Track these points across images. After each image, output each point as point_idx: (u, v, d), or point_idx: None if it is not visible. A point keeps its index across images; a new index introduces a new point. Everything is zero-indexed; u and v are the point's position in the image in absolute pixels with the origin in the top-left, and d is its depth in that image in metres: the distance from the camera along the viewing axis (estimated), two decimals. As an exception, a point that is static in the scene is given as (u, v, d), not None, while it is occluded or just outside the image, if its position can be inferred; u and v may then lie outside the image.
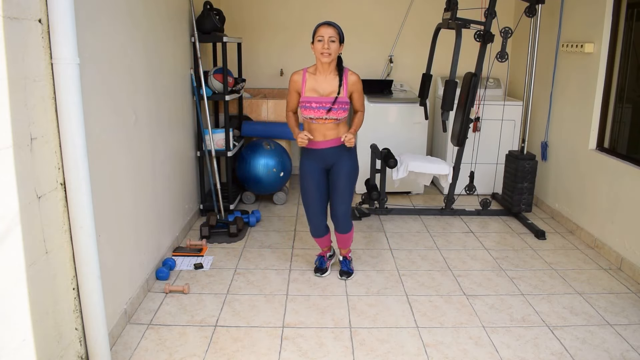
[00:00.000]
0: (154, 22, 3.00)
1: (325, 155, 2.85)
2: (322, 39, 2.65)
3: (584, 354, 2.38)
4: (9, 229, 1.66)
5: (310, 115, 2.75)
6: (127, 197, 2.60)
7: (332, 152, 2.84)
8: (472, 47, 4.01)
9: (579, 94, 3.86)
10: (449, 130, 4.11)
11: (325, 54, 2.66)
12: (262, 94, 5.00)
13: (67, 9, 1.79)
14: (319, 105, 2.72)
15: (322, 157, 2.86)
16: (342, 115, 2.76)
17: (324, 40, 2.65)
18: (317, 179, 2.90)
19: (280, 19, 5.11)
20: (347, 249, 3.16)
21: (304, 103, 2.76)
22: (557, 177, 4.22)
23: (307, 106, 2.75)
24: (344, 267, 3.14)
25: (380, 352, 2.37)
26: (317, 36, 2.66)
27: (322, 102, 2.72)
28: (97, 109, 2.22)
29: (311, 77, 2.77)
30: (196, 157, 4.01)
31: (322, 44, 2.65)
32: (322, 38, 2.65)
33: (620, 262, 3.30)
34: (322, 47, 2.65)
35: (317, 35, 2.66)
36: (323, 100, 2.73)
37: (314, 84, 2.76)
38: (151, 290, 2.90)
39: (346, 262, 3.16)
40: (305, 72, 2.79)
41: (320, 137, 2.80)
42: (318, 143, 2.81)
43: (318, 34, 2.66)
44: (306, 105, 2.75)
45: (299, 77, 2.79)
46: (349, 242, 3.11)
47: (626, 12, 3.48)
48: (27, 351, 1.77)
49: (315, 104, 2.73)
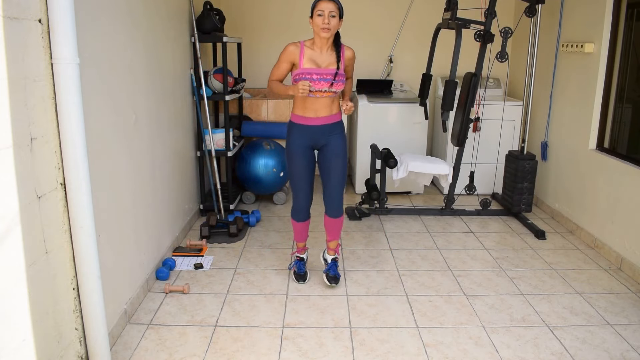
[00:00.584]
0: (154, 22, 3.00)
1: (317, 132, 2.76)
2: (322, 13, 2.57)
3: (584, 354, 2.38)
4: (9, 229, 1.66)
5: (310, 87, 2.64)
6: (127, 197, 2.60)
7: (325, 130, 2.76)
8: (472, 47, 4.01)
9: (579, 94, 3.86)
10: (449, 130, 4.11)
11: (325, 29, 2.58)
12: (262, 94, 5.00)
13: (67, 9, 1.79)
14: (319, 77, 2.63)
15: (313, 135, 2.76)
16: (341, 88, 2.72)
17: (324, 14, 2.57)
18: (308, 158, 2.81)
19: (280, 19, 5.11)
20: (336, 243, 3.03)
21: (303, 74, 2.64)
22: (557, 177, 4.22)
23: (307, 77, 2.63)
24: (333, 272, 2.98)
25: (380, 352, 2.37)
26: (317, 10, 2.58)
27: (322, 74, 2.64)
28: (97, 109, 2.22)
29: (308, 50, 2.69)
30: (196, 157, 4.01)
31: (322, 19, 2.57)
32: (322, 12, 2.57)
33: (620, 262, 3.30)
34: (322, 21, 2.57)
35: (317, 9, 2.58)
36: (323, 72, 2.65)
37: (312, 56, 2.68)
38: (151, 290, 2.90)
39: (334, 266, 3.02)
40: (302, 44, 2.70)
41: (312, 114, 2.72)
42: (311, 119, 2.72)
43: (318, 8, 2.58)
44: (306, 77, 2.63)
45: (296, 48, 2.68)
46: (339, 230, 2.99)
47: (626, 12, 3.48)
48: (27, 351, 1.77)
49: (316, 75, 2.63)
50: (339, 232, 3.01)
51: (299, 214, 2.95)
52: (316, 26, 2.62)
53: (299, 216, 2.96)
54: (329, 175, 2.85)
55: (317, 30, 2.63)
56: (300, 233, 3.05)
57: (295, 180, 2.86)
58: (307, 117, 2.73)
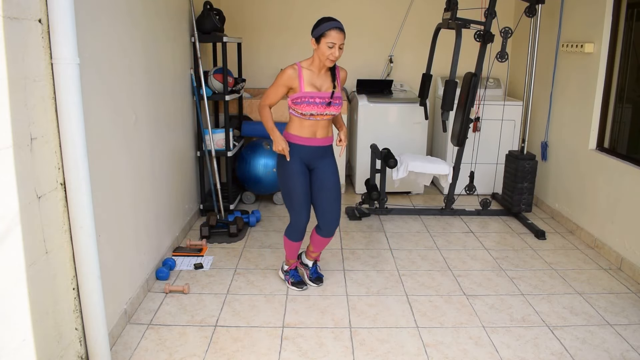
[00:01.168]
0: (154, 22, 3.00)
1: (312, 153, 2.72)
2: (333, 45, 2.51)
3: (584, 354, 2.38)
4: (9, 229, 1.66)
5: (312, 111, 2.61)
6: (127, 197, 2.60)
7: (320, 151, 2.74)
8: (472, 47, 4.01)
9: (579, 94, 3.86)
10: (449, 130, 4.11)
11: (332, 60, 2.56)
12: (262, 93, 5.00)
13: (67, 9, 1.79)
14: (321, 101, 2.61)
15: (308, 156, 2.71)
16: (339, 111, 2.71)
17: (335, 47, 2.52)
18: (305, 177, 2.74)
19: (280, 19, 5.11)
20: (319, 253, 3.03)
21: (305, 98, 2.60)
22: (557, 177, 4.22)
23: (309, 101, 2.59)
24: (316, 274, 3.03)
25: (380, 352, 2.37)
26: (328, 42, 2.50)
27: (323, 97, 2.62)
28: (97, 109, 2.22)
29: (306, 72, 2.63)
30: (196, 157, 4.01)
31: (333, 51, 2.52)
32: (333, 45, 2.51)
33: (620, 262, 3.30)
34: (332, 54, 2.52)
35: (328, 40, 2.50)
36: (325, 96, 2.63)
37: (310, 79, 2.63)
38: (151, 290, 2.90)
39: (316, 267, 3.05)
40: (300, 67, 2.63)
41: (310, 134, 2.67)
42: (308, 140, 2.68)
43: (329, 39, 2.50)
44: (309, 101, 2.59)
45: (294, 72, 2.60)
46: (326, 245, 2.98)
47: (626, 12, 3.48)
48: (27, 351, 1.77)
49: (319, 99, 2.61)
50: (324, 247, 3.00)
51: (299, 233, 2.84)
52: (322, 54, 2.54)
53: (298, 235, 2.85)
54: (329, 194, 2.79)
55: (323, 59, 2.56)
56: (296, 251, 2.96)
57: (298, 198, 2.74)
58: (303, 137, 2.68)
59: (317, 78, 2.65)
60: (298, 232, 2.83)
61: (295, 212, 2.78)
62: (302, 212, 2.77)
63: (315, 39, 2.55)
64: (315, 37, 2.55)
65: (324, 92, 2.64)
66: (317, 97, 2.61)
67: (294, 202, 2.76)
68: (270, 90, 2.68)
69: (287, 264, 3.02)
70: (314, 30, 2.56)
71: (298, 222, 2.79)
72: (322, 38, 2.52)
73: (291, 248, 2.93)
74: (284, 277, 3.03)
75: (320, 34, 2.53)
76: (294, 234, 2.85)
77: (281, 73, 2.63)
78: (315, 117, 2.64)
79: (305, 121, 2.66)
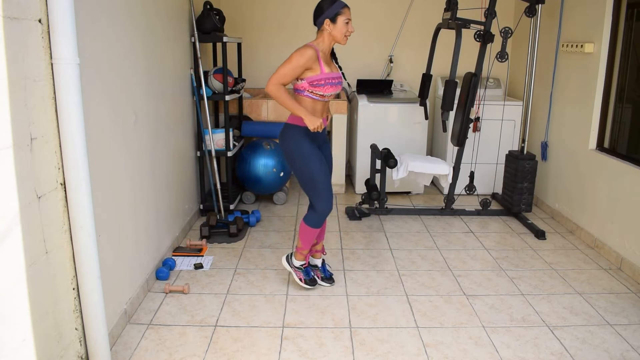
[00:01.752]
0: (154, 22, 3.00)
1: (321, 136, 2.77)
2: (349, 21, 2.60)
3: (584, 354, 2.38)
4: (9, 229, 1.66)
5: (333, 91, 2.62)
6: (127, 197, 2.60)
7: (324, 131, 2.81)
8: (472, 47, 4.01)
9: (579, 94, 3.86)
10: (449, 130, 4.11)
11: (347, 36, 2.63)
12: (262, 94, 5.00)
13: (67, 9, 1.79)
14: (338, 81, 2.65)
15: (319, 138, 2.75)
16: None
17: (350, 22, 2.62)
18: (322, 158, 2.72)
19: (280, 19, 5.11)
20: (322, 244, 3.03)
21: (328, 80, 2.58)
22: (557, 177, 4.22)
23: (332, 82, 2.60)
24: (328, 274, 3.02)
25: (380, 352, 2.37)
26: (345, 18, 2.58)
27: (338, 78, 2.66)
28: (97, 109, 2.22)
29: (321, 53, 2.63)
30: (196, 157, 4.01)
31: (349, 27, 2.61)
32: (349, 20, 2.60)
33: (620, 262, 3.30)
34: (348, 29, 2.61)
35: (345, 16, 2.58)
36: (337, 76, 2.66)
37: (325, 60, 2.65)
38: (151, 290, 2.90)
39: (325, 266, 3.04)
40: (317, 48, 2.60)
41: (319, 116, 2.68)
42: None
43: (346, 15, 2.58)
44: (331, 82, 2.59)
45: (314, 53, 2.55)
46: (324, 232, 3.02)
47: (626, 12, 3.48)
48: (27, 351, 1.77)
49: (336, 80, 2.63)
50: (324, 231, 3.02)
51: (324, 219, 2.78)
52: (339, 32, 2.60)
53: (321, 222, 2.79)
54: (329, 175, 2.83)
55: (339, 37, 2.61)
56: (315, 237, 2.87)
57: (324, 182, 2.69)
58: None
59: (327, 59, 2.70)
60: (322, 219, 2.76)
61: (322, 198, 2.70)
62: (329, 196, 2.72)
63: (331, 18, 2.58)
64: (331, 16, 2.58)
65: (335, 73, 2.67)
66: (335, 78, 2.64)
67: (320, 187, 2.69)
68: (285, 69, 2.53)
69: (301, 258, 2.90)
70: (328, 10, 2.58)
71: (325, 208, 2.72)
72: (339, 16, 2.58)
73: (311, 236, 2.82)
74: (295, 273, 2.90)
75: (336, 12, 2.58)
76: (317, 221, 2.76)
77: (300, 53, 2.54)
78: (329, 97, 2.67)
79: (318, 103, 2.66)
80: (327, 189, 2.71)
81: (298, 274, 2.91)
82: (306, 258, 2.93)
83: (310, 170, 2.67)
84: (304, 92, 2.62)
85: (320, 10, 2.61)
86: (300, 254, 2.90)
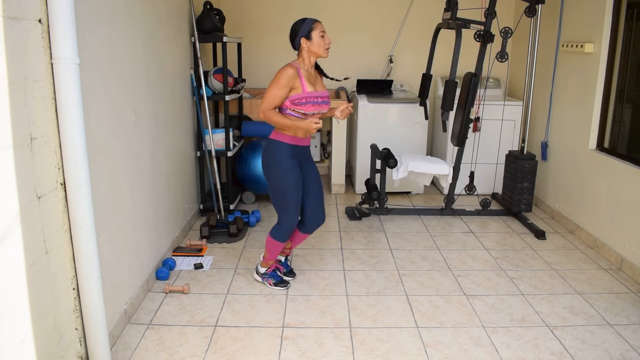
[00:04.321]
0: (153, 22, 3.00)
1: (304, 151, 2.80)
2: (324, 34, 2.65)
3: (584, 354, 2.38)
4: (9, 229, 1.66)
5: (315, 110, 2.64)
6: (127, 197, 2.60)
7: (308, 150, 2.84)
8: (472, 47, 4.01)
9: (579, 94, 3.86)
10: (449, 130, 4.11)
11: (327, 48, 2.67)
12: (262, 94, 5.00)
13: (67, 9, 1.79)
14: (322, 100, 2.67)
15: (301, 154, 2.77)
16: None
17: (326, 35, 2.66)
18: (299, 176, 2.75)
19: (280, 19, 5.10)
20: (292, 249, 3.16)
21: (310, 98, 2.61)
22: (557, 177, 4.22)
23: (314, 101, 2.62)
24: (288, 267, 3.10)
25: (380, 352, 2.37)
26: (319, 32, 2.63)
27: (323, 97, 2.69)
28: (97, 109, 2.22)
29: (303, 71, 2.65)
30: (196, 157, 4.01)
31: (326, 39, 2.65)
32: (324, 33, 2.65)
33: (620, 262, 3.30)
34: (326, 41, 2.65)
35: (319, 30, 2.63)
36: (322, 95, 2.69)
37: (308, 78, 2.66)
38: (151, 290, 2.90)
39: (287, 261, 3.13)
40: (298, 68, 2.63)
41: (303, 134, 2.71)
42: (301, 140, 2.72)
43: (319, 29, 2.63)
44: (314, 101, 2.62)
45: (295, 72, 2.59)
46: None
47: (626, 12, 3.48)
48: (27, 351, 1.77)
49: (320, 99, 2.66)
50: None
51: (289, 234, 2.84)
52: (319, 47, 2.64)
53: (287, 236, 2.84)
54: (317, 191, 2.87)
55: (321, 51, 2.66)
56: (279, 252, 2.94)
57: (295, 199, 2.73)
58: (299, 137, 2.70)
59: (311, 77, 2.71)
60: (288, 233, 2.83)
61: (289, 213, 2.76)
62: (297, 213, 2.78)
63: (305, 36, 2.64)
64: (305, 34, 2.64)
65: (320, 92, 2.70)
66: (319, 97, 2.67)
67: (289, 203, 2.73)
68: (271, 93, 2.58)
69: (265, 266, 2.98)
70: (302, 29, 2.65)
71: (291, 223, 2.78)
72: (312, 32, 2.64)
73: (277, 249, 2.89)
74: (262, 279, 3.00)
75: (309, 29, 2.64)
76: (283, 235, 2.82)
77: (280, 74, 2.59)
78: (312, 116, 2.66)
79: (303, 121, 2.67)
80: (296, 205, 2.76)
81: (268, 281, 2.98)
82: (271, 266, 3.00)
83: (285, 185, 2.70)
84: (287, 110, 2.64)
85: (294, 32, 2.67)
86: (266, 263, 2.99)
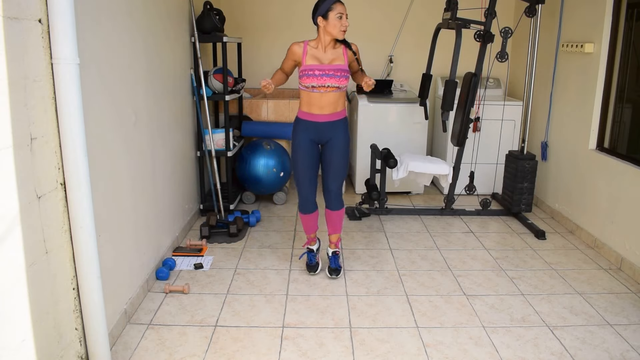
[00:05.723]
0: (154, 22, 3.00)
1: (322, 129, 2.87)
2: (341, 15, 2.71)
3: (584, 354, 2.38)
4: (9, 229, 1.66)
5: (312, 83, 2.76)
6: (127, 197, 2.60)
7: (328, 126, 2.87)
8: (472, 47, 4.01)
9: (579, 94, 3.86)
10: (449, 130, 4.11)
11: (343, 30, 2.73)
12: (262, 94, 5.00)
13: (67, 9, 1.79)
14: (322, 73, 2.75)
15: (318, 131, 2.88)
16: (344, 84, 2.81)
17: (344, 16, 2.72)
18: (311, 152, 2.92)
19: (280, 19, 5.11)
20: (337, 236, 3.15)
21: (306, 71, 2.76)
22: (557, 177, 4.22)
23: (309, 74, 2.76)
24: (333, 264, 3.10)
25: (380, 352, 2.37)
26: (337, 13, 2.70)
27: (325, 70, 2.76)
28: (97, 109, 2.22)
29: (312, 49, 2.81)
30: (196, 157, 4.01)
31: (343, 21, 2.71)
32: (341, 15, 2.71)
33: (620, 262, 3.30)
34: (343, 24, 2.72)
35: (337, 12, 2.70)
36: (326, 68, 2.76)
37: (314, 53, 2.80)
38: (151, 290, 2.90)
39: (335, 258, 3.12)
40: (306, 45, 2.82)
41: (317, 110, 2.83)
42: (316, 116, 2.84)
43: (337, 10, 2.70)
44: (309, 73, 2.75)
45: (299, 48, 2.81)
46: (340, 224, 3.12)
47: (626, 12, 3.48)
48: (27, 351, 1.77)
49: (318, 72, 2.75)
50: (338, 225, 3.12)
51: (307, 205, 3.02)
52: (334, 27, 2.73)
53: (307, 208, 3.04)
54: (329, 169, 2.97)
55: (335, 32, 2.74)
56: (308, 225, 3.12)
57: (299, 171, 2.94)
58: (312, 113, 2.84)
59: (322, 53, 2.80)
60: (304, 203, 3.02)
61: (298, 184, 3.00)
62: (302, 184, 2.97)
63: (323, 16, 2.72)
64: (322, 14, 2.72)
65: (326, 65, 2.78)
66: (317, 69, 2.76)
67: (298, 175, 2.97)
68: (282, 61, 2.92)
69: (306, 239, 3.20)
70: (319, 9, 2.74)
71: (301, 193, 3.01)
72: (330, 12, 2.71)
73: (303, 220, 3.12)
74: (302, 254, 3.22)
75: (327, 9, 2.72)
76: (301, 206, 3.05)
77: (288, 48, 2.85)
78: (318, 89, 2.77)
79: (312, 95, 2.81)
80: (302, 179, 2.96)
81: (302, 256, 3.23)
82: (309, 242, 3.16)
83: (294, 158, 2.95)
84: (298, 86, 2.86)
85: (315, 9, 2.78)
86: (306, 236, 3.20)
